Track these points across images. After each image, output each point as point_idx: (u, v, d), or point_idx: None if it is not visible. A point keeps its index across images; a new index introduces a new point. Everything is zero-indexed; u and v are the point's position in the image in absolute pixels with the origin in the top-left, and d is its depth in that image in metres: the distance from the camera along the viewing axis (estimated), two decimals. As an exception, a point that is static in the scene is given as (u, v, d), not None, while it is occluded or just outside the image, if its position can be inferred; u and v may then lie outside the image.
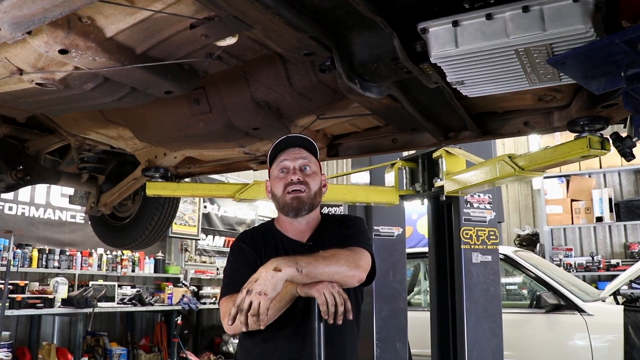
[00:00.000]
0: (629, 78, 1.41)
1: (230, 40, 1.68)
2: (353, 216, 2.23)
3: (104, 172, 3.83)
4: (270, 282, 1.62)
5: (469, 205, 3.70)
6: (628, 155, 2.02)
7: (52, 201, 7.48)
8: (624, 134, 2.10)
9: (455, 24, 1.56)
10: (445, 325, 3.75)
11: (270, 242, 2.00)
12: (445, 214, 3.83)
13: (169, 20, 1.63)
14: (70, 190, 4.52)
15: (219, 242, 9.98)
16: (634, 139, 1.96)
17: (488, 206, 3.78)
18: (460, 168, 3.40)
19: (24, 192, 7.10)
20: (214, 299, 8.57)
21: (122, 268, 7.82)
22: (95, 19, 1.64)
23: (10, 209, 7.00)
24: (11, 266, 5.85)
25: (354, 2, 1.47)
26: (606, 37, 1.41)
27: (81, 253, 7.37)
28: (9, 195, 6.81)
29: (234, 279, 1.88)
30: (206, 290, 8.77)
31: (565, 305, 4.77)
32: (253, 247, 1.97)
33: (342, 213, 4.53)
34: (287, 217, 2.00)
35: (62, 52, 1.66)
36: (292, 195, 1.95)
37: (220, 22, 1.56)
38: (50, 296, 6.39)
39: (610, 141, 2.17)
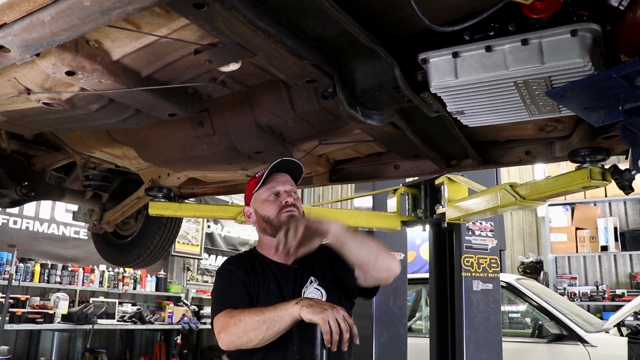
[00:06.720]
0: (626, 112, 1.41)
1: (233, 66, 1.70)
2: None
3: (108, 190, 3.86)
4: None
5: (470, 233, 3.69)
6: (627, 189, 2.01)
7: (57, 216, 7.52)
8: (625, 165, 2.10)
9: (455, 55, 1.58)
10: (445, 353, 3.71)
11: (256, 265, 2.00)
12: (447, 240, 3.82)
13: (174, 45, 1.66)
14: (74, 207, 4.54)
15: (221, 262, 9.91)
16: (633, 172, 1.96)
17: (490, 234, 3.77)
18: (462, 195, 3.41)
19: (29, 207, 7.15)
20: (214, 319, 8.51)
21: (123, 285, 7.82)
22: (102, 42, 1.67)
23: (15, 222, 7.03)
24: (13, 280, 5.86)
25: (356, 32, 1.48)
26: (604, 71, 1.42)
27: (83, 269, 7.38)
28: (14, 209, 6.86)
29: (226, 297, 1.89)
30: (207, 310, 8.71)
31: (568, 335, 4.70)
32: (242, 268, 1.97)
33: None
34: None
35: (69, 73, 1.69)
36: (287, 214, 1.98)
37: (223, 48, 1.59)
38: (50, 311, 6.39)
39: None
